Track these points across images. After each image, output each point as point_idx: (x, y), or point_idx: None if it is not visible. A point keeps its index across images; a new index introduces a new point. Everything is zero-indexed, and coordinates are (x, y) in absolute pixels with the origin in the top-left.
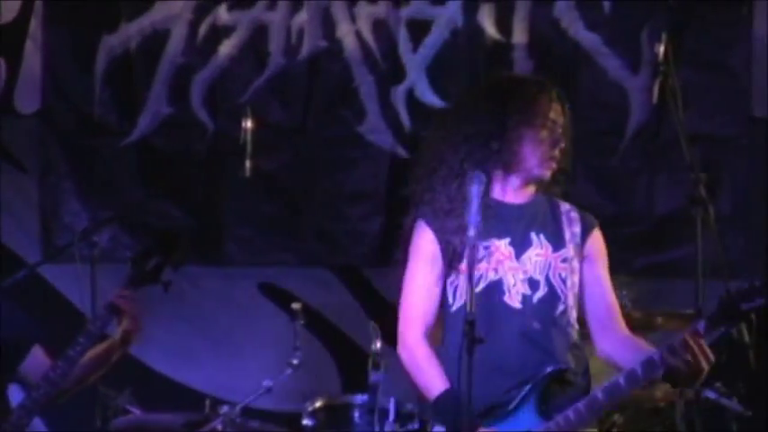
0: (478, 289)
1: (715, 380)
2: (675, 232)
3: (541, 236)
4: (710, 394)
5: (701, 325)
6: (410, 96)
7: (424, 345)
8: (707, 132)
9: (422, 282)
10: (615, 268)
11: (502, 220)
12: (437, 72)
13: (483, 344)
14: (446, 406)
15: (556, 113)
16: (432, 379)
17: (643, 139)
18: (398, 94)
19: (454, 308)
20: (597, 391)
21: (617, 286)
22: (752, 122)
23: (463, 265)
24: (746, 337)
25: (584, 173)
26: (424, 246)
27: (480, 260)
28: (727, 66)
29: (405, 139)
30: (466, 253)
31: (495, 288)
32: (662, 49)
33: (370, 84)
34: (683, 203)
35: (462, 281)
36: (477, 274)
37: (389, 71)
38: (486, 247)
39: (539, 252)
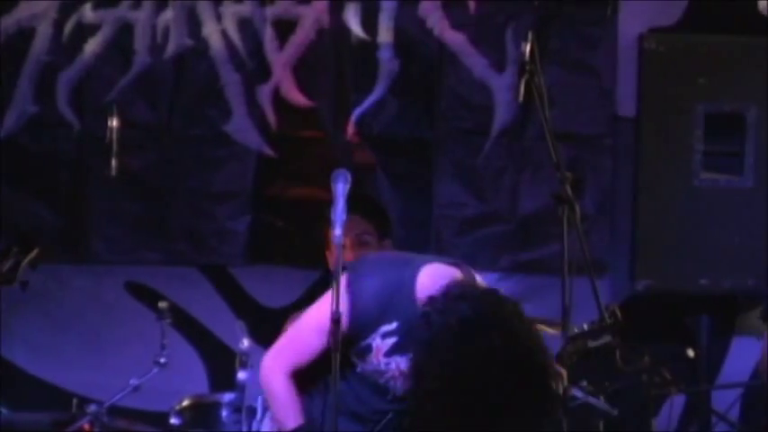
0: None
1: (581, 379)
2: (541, 230)
3: None
4: (577, 393)
5: None
6: (276, 95)
7: (286, 377)
8: (572, 131)
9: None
10: (481, 266)
11: None
12: (303, 71)
13: None
14: None
15: None
16: (288, 413)
17: (508, 137)
18: (264, 93)
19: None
20: None
21: None
22: (616, 122)
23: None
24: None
25: (449, 172)
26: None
27: None
28: (592, 65)
29: (271, 138)
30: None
31: None
32: (527, 48)
33: (236, 83)
34: (549, 202)
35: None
36: None
37: (256, 70)
38: None
39: None
